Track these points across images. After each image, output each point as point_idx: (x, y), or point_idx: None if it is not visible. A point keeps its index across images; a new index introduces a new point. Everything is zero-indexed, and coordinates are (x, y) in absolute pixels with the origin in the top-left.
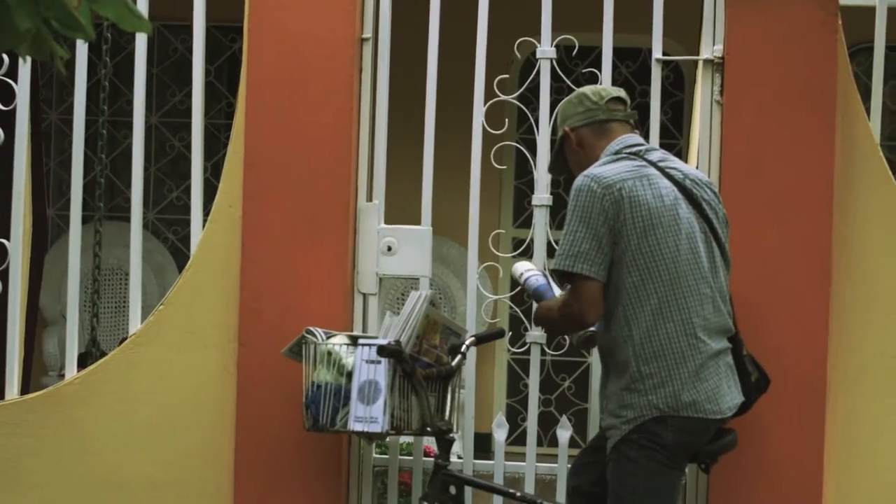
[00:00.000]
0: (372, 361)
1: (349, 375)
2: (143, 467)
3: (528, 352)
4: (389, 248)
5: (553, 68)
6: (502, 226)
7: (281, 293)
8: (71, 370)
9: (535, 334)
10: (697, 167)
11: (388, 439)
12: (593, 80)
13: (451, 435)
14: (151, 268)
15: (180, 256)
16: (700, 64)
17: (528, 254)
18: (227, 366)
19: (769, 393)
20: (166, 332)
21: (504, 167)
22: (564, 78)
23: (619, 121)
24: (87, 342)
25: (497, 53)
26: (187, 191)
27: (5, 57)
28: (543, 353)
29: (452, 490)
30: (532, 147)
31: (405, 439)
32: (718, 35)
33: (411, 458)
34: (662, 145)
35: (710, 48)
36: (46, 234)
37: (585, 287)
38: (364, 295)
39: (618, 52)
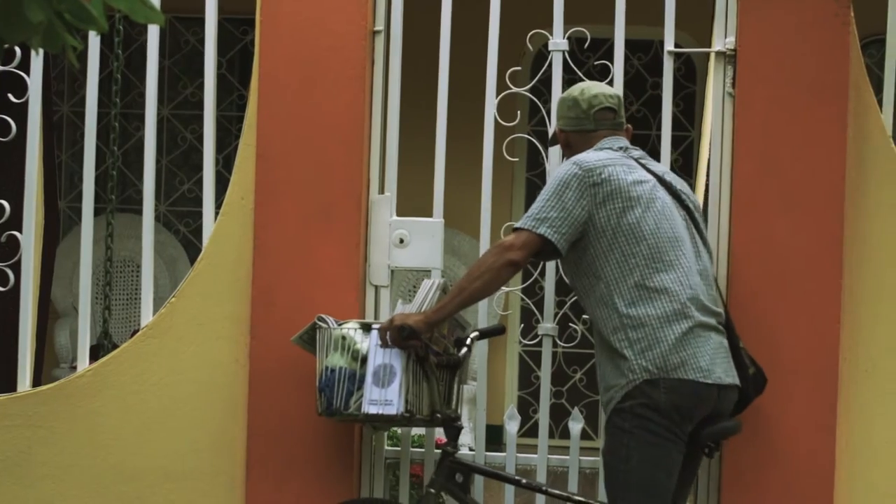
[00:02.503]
0: (386, 345)
1: (363, 360)
2: (156, 459)
3: (539, 344)
4: (401, 241)
5: (565, 60)
6: (514, 218)
7: (293, 285)
8: (83, 362)
9: (547, 326)
10: (709, 159)
11: (399, 431)
12: (605, 72)
13: (459, 423)
14: (163, 260)
15: (192, 248)
16: (712, 56)
17: None
18: (238, 357)
19: (782, 384)
20: (178, 324)
21: (516, 159)
22: (577, 70)
23: (607, 129)
24: (100, 334)
25: (509, 45)
26: (199, 183)
27: (17, 49)
28: (555, 344)
29: (459, 478)
30: (544, 139)
31: (416, 431)
32: (731, 27)
33: (423, 450)
34: (674, 138)
35: (723, 40)
36: (58, 227)
37: (532, 239)
38: (376, 287)
39: (629, 45)
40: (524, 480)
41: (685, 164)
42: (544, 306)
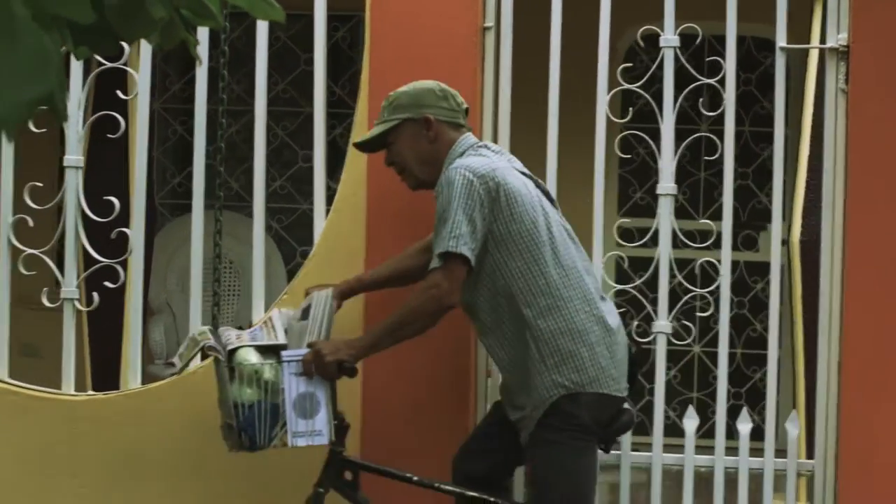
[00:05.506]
0: (301, 374)
1: (275, 391)
2: (268, 453)
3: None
4: None
5: (676, 56)
6: (606, 214)
7: None
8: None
9: (661, 324)
10: (809, 155)
11: None
12: (717, 68)
13: (346, 423)
14: None
15: (284, 245)
16: (813, 53)
17: (654, 242)
18: None
19: None
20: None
21: (628, 156)
22: (689, 68)
23: (465, 128)
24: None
25: (616, 41)
26: (290, 179)
27: (126, 46)
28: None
29: (348, 476)
30: (654, 136)
31: None
32: (842, 24)
33: None
34: (762, 134)
35: (835, 36)
36: (154, 223)
37: (458, 269)
38: None
39: (720, 40)
40: (416, 478)
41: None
42: (658, 303)
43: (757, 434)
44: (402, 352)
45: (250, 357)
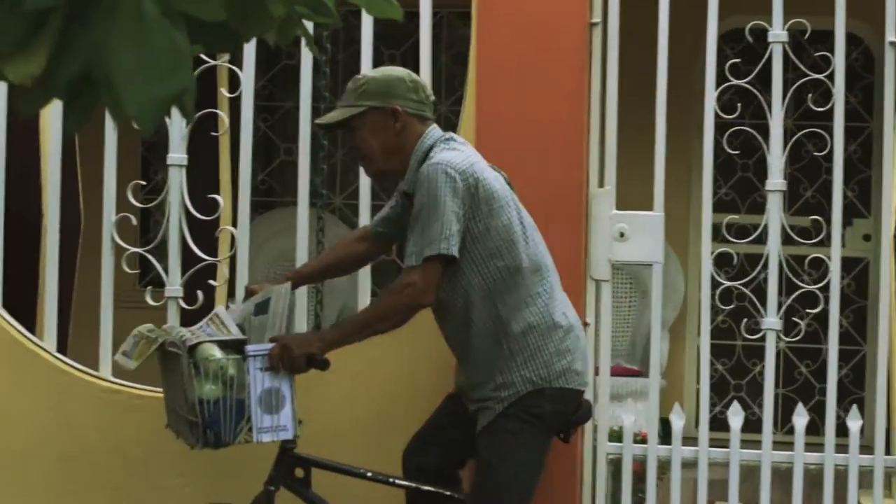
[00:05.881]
0: (268, 369)
1: (240, 387)
2: (373, 454)
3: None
4: (622, 235)
5: (785, 51)
6: (693, 211)
7: None
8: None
9: (771, 321)
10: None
11: (621, 427)
12: (826, 63)
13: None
14: None
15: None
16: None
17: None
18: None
19: None
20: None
21: (737, 152)
22: (798, 63)
23: (430, 120)
24: (312, 328)
25: (698, 38)
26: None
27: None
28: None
29: (300, 473)
30: (763, 132)
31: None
32: None
33: (645, 446)
34: (853, 129)
35: None
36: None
37: (437, 269)
38: (596, 281)
39: (813, 35)
40: (370, 473)
41: (864, 155)
42: (767, 300)
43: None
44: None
45: (214, 352)
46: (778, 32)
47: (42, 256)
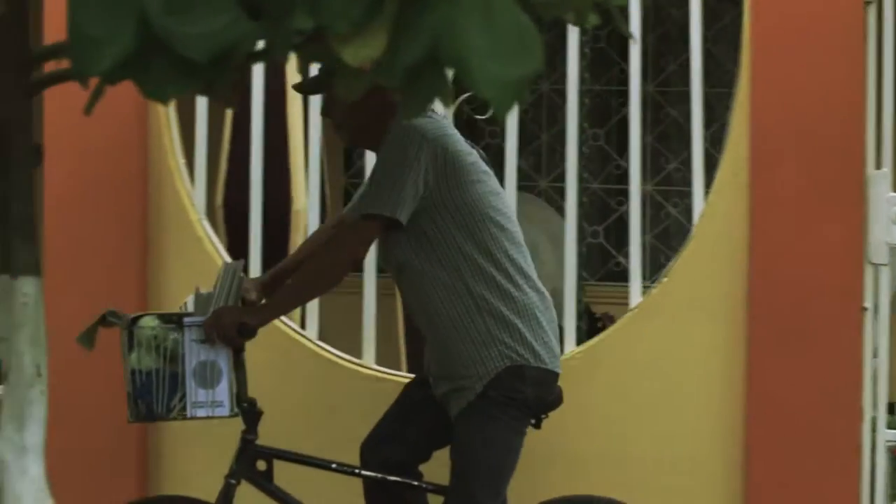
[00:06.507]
0: (202, 341)
1: (174, 358)
2: (645, 444)
3: None
4: None
5: None
6: None
7: (791, 264)
8: (569, 344)
9: None
10: None
11: None
12: None
13: (258, 409)
14: (546, 236)
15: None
16: None
17: None
18: (732, 338)
19: None
20: (669, 305)
21: None
22: None
23: None
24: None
25: None
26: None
27: None
28: None
29: (262, 465)
30: None
31: None
32: None
33: None
34: None
35: None
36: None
37: (374, 229)
38: (875, 265)
39: None
40: (334, 464)
41: None
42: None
43: None
44: None
45: (152, 324)
46: None
47: (291, 244)
